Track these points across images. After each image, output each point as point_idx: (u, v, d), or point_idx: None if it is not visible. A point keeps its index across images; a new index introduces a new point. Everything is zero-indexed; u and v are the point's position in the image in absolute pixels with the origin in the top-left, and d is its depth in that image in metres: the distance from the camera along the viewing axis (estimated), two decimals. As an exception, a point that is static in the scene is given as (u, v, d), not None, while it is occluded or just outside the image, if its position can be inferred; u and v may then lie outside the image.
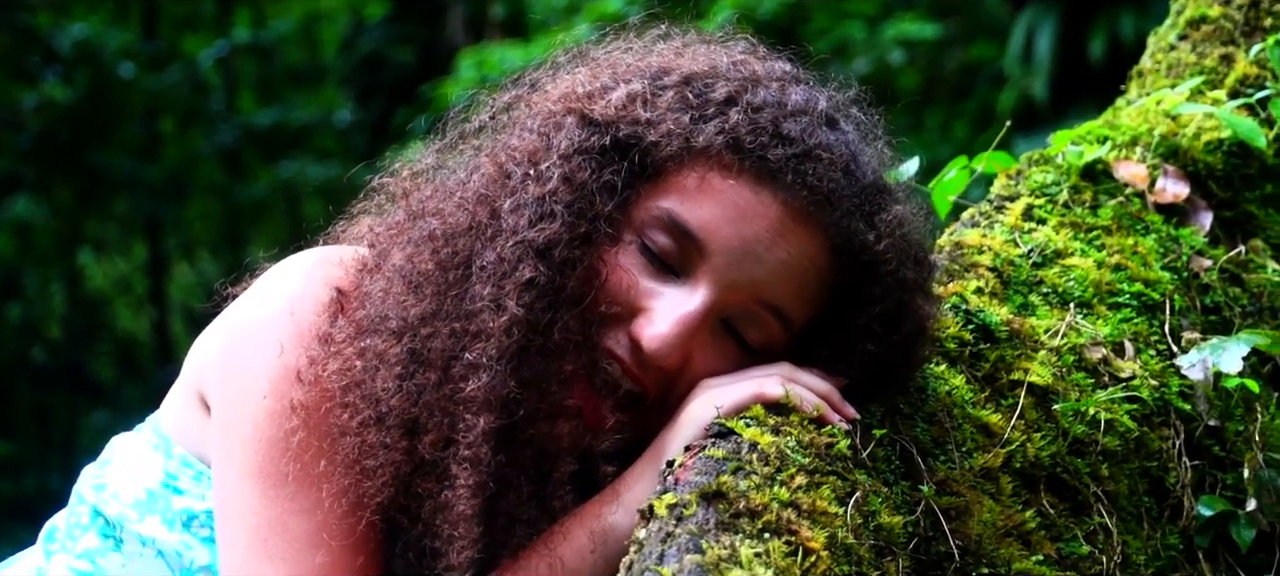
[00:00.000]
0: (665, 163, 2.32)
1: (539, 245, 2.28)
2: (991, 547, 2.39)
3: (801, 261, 2.33)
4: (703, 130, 2.32)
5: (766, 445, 2.19)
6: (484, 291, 2.28)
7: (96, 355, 16.43)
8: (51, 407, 15.05)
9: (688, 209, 2.31)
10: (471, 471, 2.26)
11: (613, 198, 2.31)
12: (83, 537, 2.57)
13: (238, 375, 2.40)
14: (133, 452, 2.58)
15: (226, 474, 2.39)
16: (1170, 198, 2.96)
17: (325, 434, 2.33)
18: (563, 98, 2.40)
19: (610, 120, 2.34)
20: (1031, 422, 2.53)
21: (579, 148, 2.33)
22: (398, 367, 2.30)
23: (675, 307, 2.31)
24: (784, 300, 2.33)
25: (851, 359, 2.37)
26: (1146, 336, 2.74)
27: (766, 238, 2.31)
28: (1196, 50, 3.34)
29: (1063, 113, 9.53)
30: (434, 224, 2.36)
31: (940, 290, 2.62)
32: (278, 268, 2.48)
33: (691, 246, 2.31)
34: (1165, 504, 2.63)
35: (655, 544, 2.02)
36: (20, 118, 13.48)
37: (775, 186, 2.31)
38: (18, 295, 15.51)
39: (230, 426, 2.39)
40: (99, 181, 14.44)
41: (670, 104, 2.35)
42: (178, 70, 14.53)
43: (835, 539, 2.12)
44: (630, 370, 2.33)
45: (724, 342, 2.35)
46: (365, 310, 2.34)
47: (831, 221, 2.32)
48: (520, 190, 2.32)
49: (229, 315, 2.47)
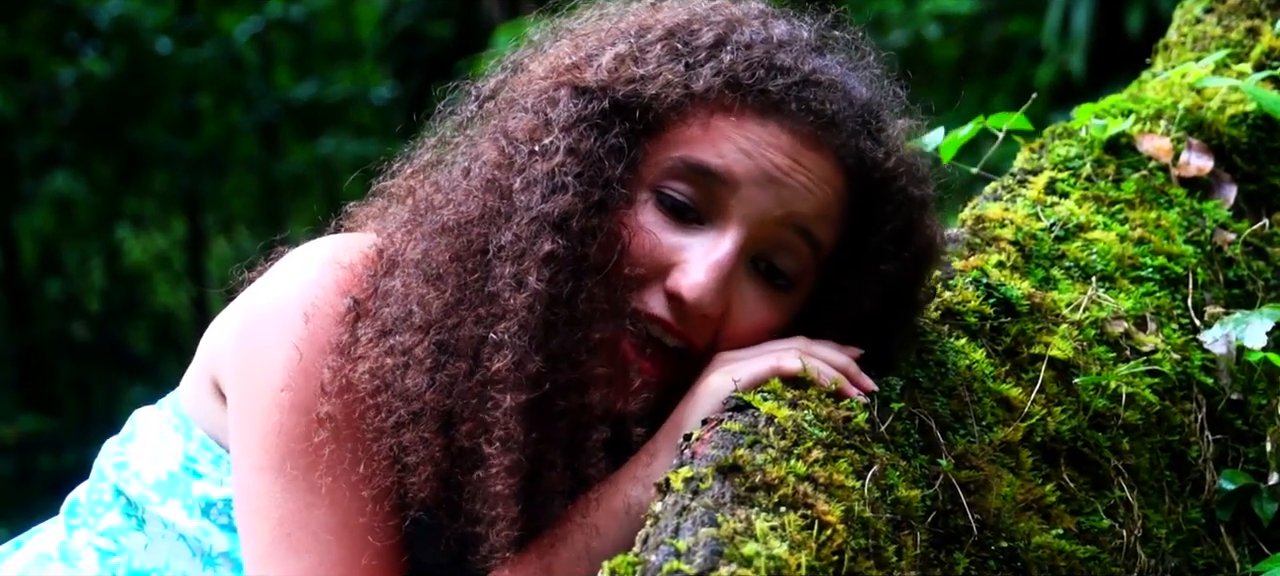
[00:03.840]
0: (667, 114, 2.33)
1: (555, 218, 2.28)
2: (1011, 521, 2.38)
3: (820, 183, 2.34)
4: (699, 75, 2.33)
5: (783, 419, 2.19)
6: (505, 271, 2.28)
7: (135, 330, 16.49)
8: (91, 382, 15.12)
9: (702, 152, 2.33)
10: (504, 451, 2.25)
11: (621, 160, 2.32)
12: (105, 515, 2.58)
13: (253, 367, 2.39)
14: (155, 431, 2.58)
15: (246, 467, 2.39)
16: (1194, 171, 2.95)
17: (359, 438, 2.32)
18: (551, 72, 2.40)
19: (604, 84, 2.34)
20: (1052, 397, 2.53)
21: (579, 117, 2.33)
22: (428, 361, 2.29)
23: (708, 253, 2.32)
24: (811, 221, 2.35)
25: (868, 282, 2.39)
26: (1169, 310, 2.73)
27: (785, 164, 2.32)
28: (1222, 23, 3.33)
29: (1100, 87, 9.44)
30: (446, 215, 2.35)
31: (961, 264, 2.62)
32: (292, 256, 2.48)
33: (715, 185, 2.32)
34: (1187, 478, 2.62)
35: (671, 517, 2.02)
36: (59, 93, 13.53)
37: (781, 116, 2.33)
38: (58, 271, 15.58)
39: (248, 420, 2.39)
40: (138, 157, 14.49)
41: (660, 57, 2.36)
42: (214, 45, 14.55)
43: (852, 512, 2.11)
44: (672, 327, 2.33)
45: (759, 281, 2.37)
46: (388, 309, 2.34)
47: (840, 143, 2.35)
48: (528, 168, 2.32)
49: (243, 302, 2.46)
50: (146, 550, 2.55)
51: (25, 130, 13.48)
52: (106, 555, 2.57)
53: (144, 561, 2.55)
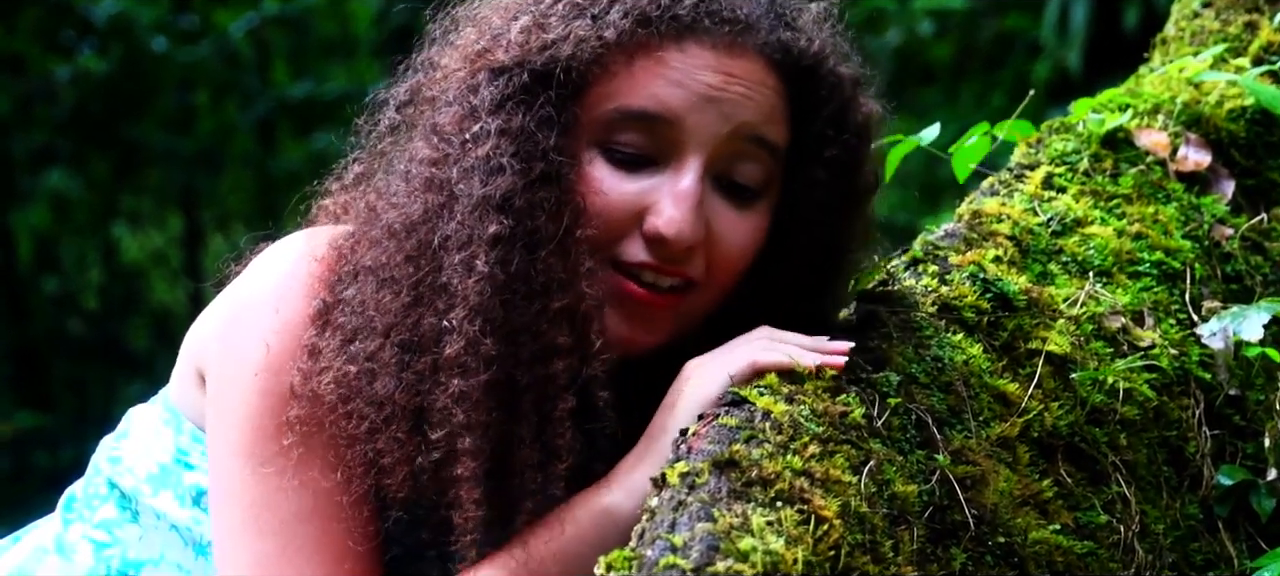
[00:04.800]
0: (588, 70, 2.35)
1: (497, 200, 2.30)
2: (1008, 517, 2.38)
3: (755, 87, 2.37)
4: (607, 23, 2.34)
5: (780, 414, 2.18)
6: (454, 260, 2.30)
7: (133, 327, 16.47)
8: (88, 379, 15.10)
9: (635, 97, 2.35)
10: (466, 434, 2.28)
11: (553, 128, 2.33)
12: (101, 508, 2.60)
13: (230, 356, 2.41)
14: (147, 426, 2.60)
15: (218, 452, 2.42)
16: (1192, 166, 2.95)
17: (334, 445, 2.34)
18: (464, 61, 2.42)
19: (519, 59, 2.36)
20: (1049, 392, 2.52)
21: (503, 97, 2.35)
22: (393, 364, 2.31)
23: (673, 187, 2.35)
24: (759, 126, 2.38)
25: (818, 173, 2.42)
26: (1167, 305, 2.73)
27: (717, 81, 2.35)
28: (1220, 17, 3.32)
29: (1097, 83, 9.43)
30: (391, 218, 2.37)
31: (958, 259, 2.61)
32: (270, 250, 2.49)
33: (658, 125, 2.35)
34: (1185, 473, 2.62)
35: (667, 512, 2.02)
36: (55, 90, 13.51)
37: (698, 35, 2.35)
38: (54, 267, 15.56)
39: (222, 405, 2.42)
40: (134, 154, 14.46)
41: (565, 16, 2.37)
42: (210, 43, 14.53)
43: (848, 507, 2.11)
44: (663, 268, 2.36)
45: (728, 200, 2.40)
46: (347, 319, 2.35)
47: (762, 41, 2.37)
48: (463, 158, 2.34)
49: (225, 295, 2.49)
50: (141, 542, 2.57)
51: (21, 127, 13.46)
52: (102, 547, 2.58)
53: (139, 553, 2.57)
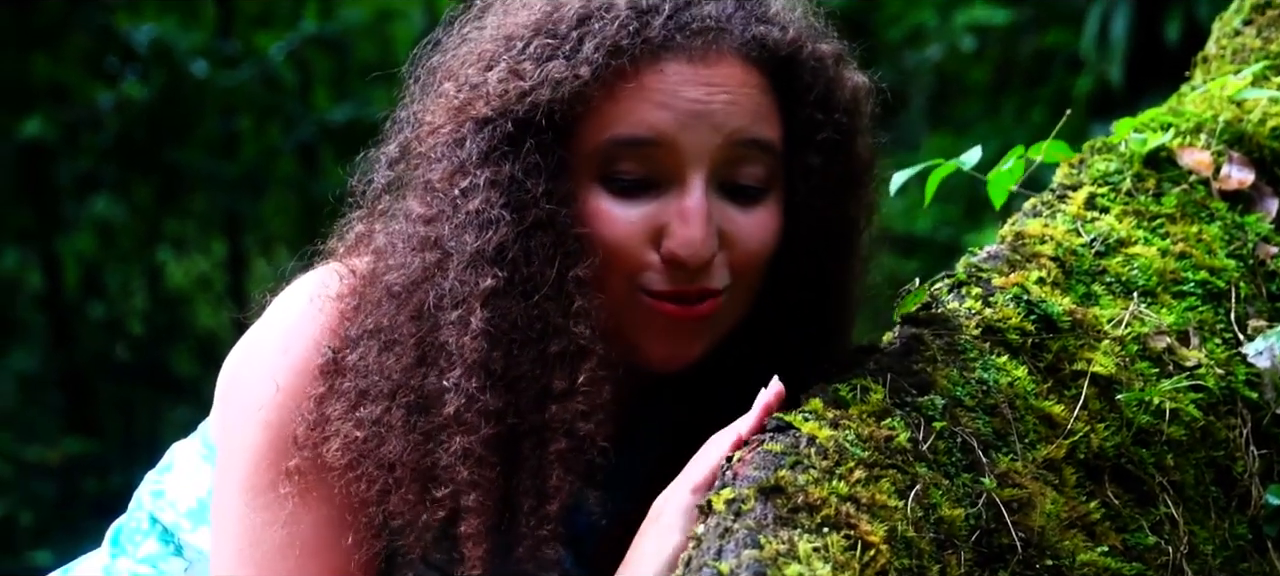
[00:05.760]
0: (571, 109, 2.34)
1: (490, 253, 2.31)
2: (1055, 539, 2.37)
3: (739, 89, 2.37)
4: (581, 60, 2.34)
5: (825, 439, 2.19)
6: (451, 317, 2.31)
7: (178, 352, 16.54)
8: (134, 404, 15.17)
9: (623, 127, 2.35)
10: (472, 491, 2.30)
11: (542, 174, 2.33)
12: (144, 543, 2.62)
13: (238, 393, 2.44)
14: (188, 460, 2.62)
15: (219, 485, 2.44)
16: (1235, 184, 2.93)
17: (331, 502, 2.36)
18: (448, 115, 2.41)
19: (500, 109, 2.35)
20: (1095, 413, 2.52)
21: (489, 148, 2.35)
22: (400, 426, 2.32)
23: (680, 207, 2.35)
24: (752, 127, 2.38)
25: (814, 157, 2.42)
26: (1212, 325, 2.72)
27: (701, 94, 2.35)
28: (1262, 35, 3.31)
29: (1139, 97, 9.43)
30: (391, 279, 2.38)
31: (1001, 281, 2.61)
32: (286, 292, 2.52)
33: (651, 150, 2.34)
34: (1232, 493, 2.61)
35: (713, 539, 2.03)
36: (99, 117, 13.59)
37: (672, 53, 2.35)
38: (100, 294, 15.65)
39: (227, 439, 2.44)
40: (177, 179, 14.54)
41: (537, 58, 2.36)
42: (251, 67, 14.59)
43: (895, 532, 2.11)
44: (689, 290, 2.37)
45: (737, 204, 2.40)
46: (351, 383, 2.37)
47: (736, 43, 2.37)
48: (455, 214, 2.34)
49: (246, 335, 2.51)
50: (186, 575, 2.58)
51: (66, 154, 13.54)
52: (148, 581, 2.60)
53: (185, 586, 2.59)
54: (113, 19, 14.01)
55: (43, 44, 13.25)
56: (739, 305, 2.44)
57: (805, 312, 2.48)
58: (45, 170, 13.42)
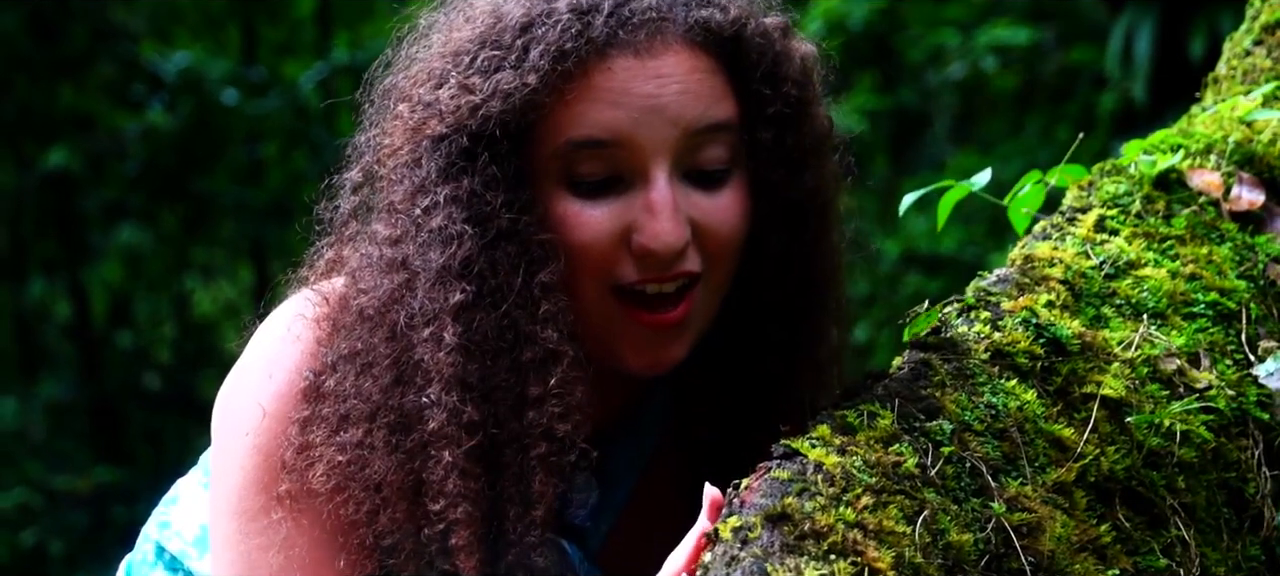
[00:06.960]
0: (523, 117, 2.35)
1: (457, 268, 2.33)
2: (1066, 563, 2.37)
3: (689, 76, 2.37)
4: (527, 68, 2.34)
5: (832, 465, 2.19)
6: (423, 335, 2.32)
7: (206, 379, 16.59)
8: (164, 433, 15.22)
9: (579, 128, 2.36)
10: (461, 503, 2.31)
11: (500, 186, 2.35)
12: (151, 574, 2.63)
13: (227, 419, 2.46)
14: (192, 491, 2.64)
15: (214, 511, 2.46)
16: (1245, 205, 2.93)
17: (337, 530, 2.37)
18: (404, 136, 2.43)
19: (453, 125, 2.37)
20: (1105, 436, 2.51)
21: (447, 164, 2.36)
22: (382, 446, 2.34)
23: (648, 200, 2.36)
24: (707, 112, 2.38)
25: (766, 132, 2.43)
26: (1222, 346, 2.71)
27: (651, 88, 2.35)
28: (1272, 55, 3.30)
29: (1163, 113, 9.42)
30: (363, 303, 2.39)
31: (1010, 304, 2.61)
32: (269, 318, 2.53)
33: (610, 149, 2.36)
34: (1245, 515, 2.60)
35: (720, 567, 2.03)
36: (125, 146, 13.65)
37: (618, 49, 2.35)
38: (128, 322, 15.71)
39: (218, 466, 2.46)
40: (204, 207, 14.60)
41: (485, 70, 2.37)
42: (278, 95, 14.65)
43: (903, 558, 2.11)
44: (663, 277, 2.38)
45: (703, 188, 2.41)
46: (331, 409, 2.38)
47: (680, 30, 2.37)
48: (418, 233, 2.36)
49: (236, 364, 2.53)
50: None
51: (93, 184, 13.61)
52: (159, 611, 2.62)
53: (194, 614, 2.60)
54: (139, 48, 14.07)
55: (68, 73, 13.32)
56: (716, 292, 2.45)
57: (786, 292, 2.48)
58: (71, 200, 13.48)
